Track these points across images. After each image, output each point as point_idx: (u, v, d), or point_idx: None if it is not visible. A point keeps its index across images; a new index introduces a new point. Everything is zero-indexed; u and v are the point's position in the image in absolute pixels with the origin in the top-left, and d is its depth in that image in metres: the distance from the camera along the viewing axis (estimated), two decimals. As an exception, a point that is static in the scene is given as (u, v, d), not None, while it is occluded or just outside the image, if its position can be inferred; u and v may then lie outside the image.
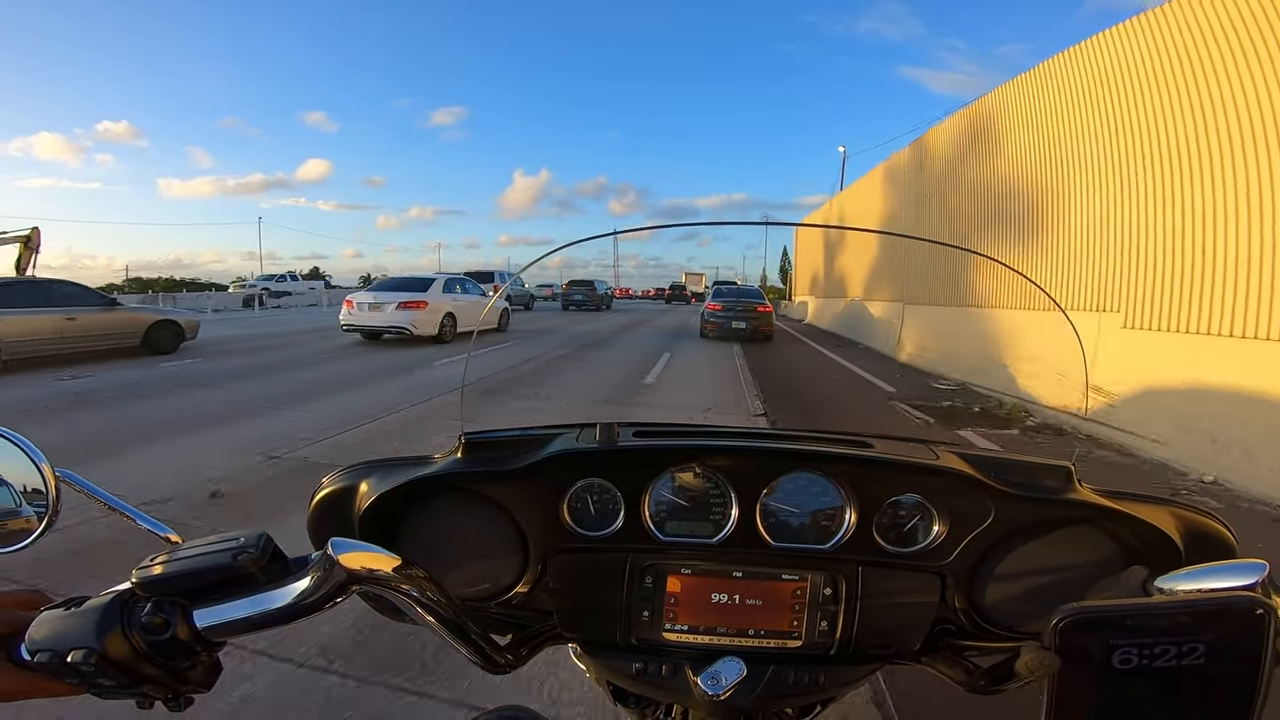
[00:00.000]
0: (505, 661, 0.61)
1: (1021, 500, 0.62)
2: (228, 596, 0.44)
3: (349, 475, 0.67)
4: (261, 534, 0.46)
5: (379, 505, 0.63)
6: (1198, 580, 0.41)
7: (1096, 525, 0.62)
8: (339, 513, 0.65)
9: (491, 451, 0.67)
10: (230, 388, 7.02)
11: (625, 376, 8.49)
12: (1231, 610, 0.33)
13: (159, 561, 0.45)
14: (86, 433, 4.96)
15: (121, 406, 5.98)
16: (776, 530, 0.65)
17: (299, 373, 8.21)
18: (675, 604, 0.63)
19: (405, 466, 0.66)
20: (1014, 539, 0.63)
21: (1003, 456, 0.67)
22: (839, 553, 0.64)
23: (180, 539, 0.48)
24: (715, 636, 0.62)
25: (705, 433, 0.75)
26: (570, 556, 0.66)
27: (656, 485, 0.66)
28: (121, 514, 0.50)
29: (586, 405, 6.47)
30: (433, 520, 0.67)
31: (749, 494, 0.65)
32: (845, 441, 0.71)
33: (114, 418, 5.49)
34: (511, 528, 0.67)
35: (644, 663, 0.63)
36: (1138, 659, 0.32)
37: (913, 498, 0.65)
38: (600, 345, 12.62)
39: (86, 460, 4.14)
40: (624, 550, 0.65)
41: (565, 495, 0.66)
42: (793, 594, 0.63)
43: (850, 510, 0.65)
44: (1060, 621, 0.33)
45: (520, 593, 0.67)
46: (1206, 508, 0.63)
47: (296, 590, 0.45)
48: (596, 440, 0.67)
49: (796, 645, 0.63)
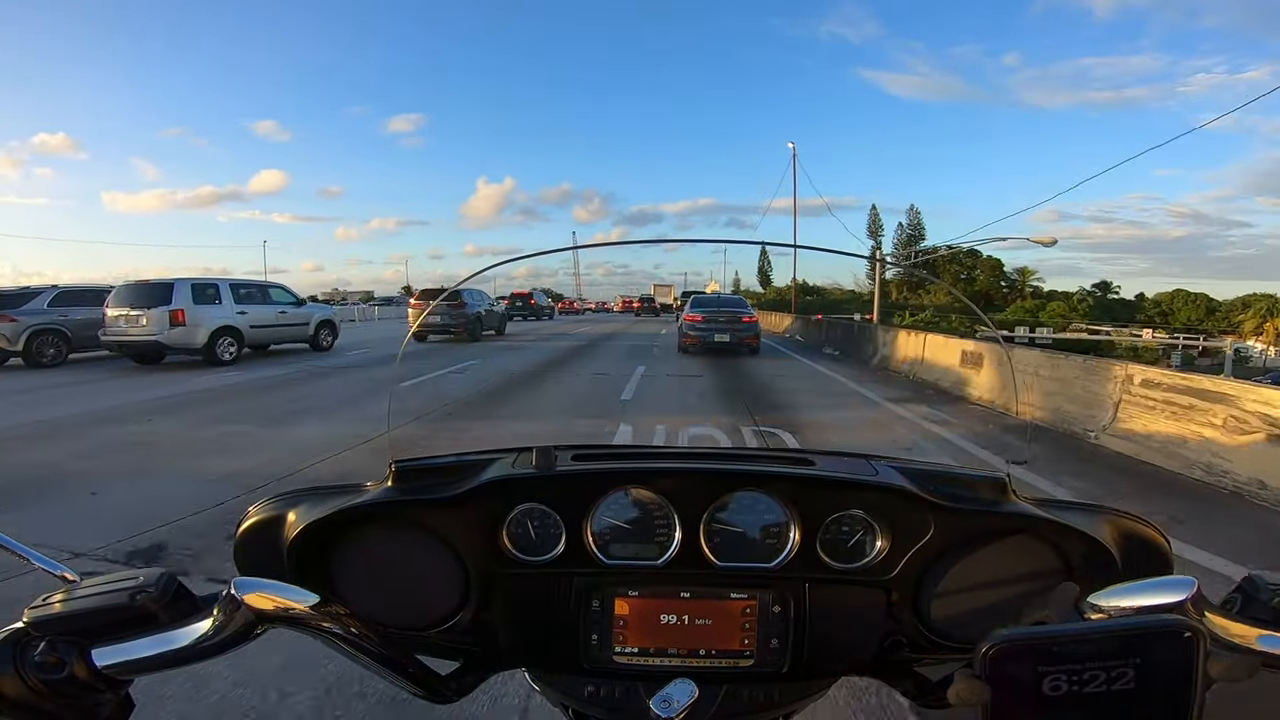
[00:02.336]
0: (450, 691, 0.59)
1: (958, 513, 0.63)
2: (129, 636, 0.43)
3: (276, 504, 0.64)
4: (163, 573, 0.45)
5: (307, 535, 0.61)
6: (1128, 598, 0.42)
7: (1034, 535, 0.63)
8: (267, 542, 0.62)
9: (424, 479, 0.65)
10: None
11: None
12: (1158, 633, 0.33)
13: (54, 601, 0.44)
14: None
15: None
16: (721, 550, 0.65)
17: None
18: (624, 626, 0.62)
19: (334, 495, 0.64)
20: (955, 551, 0.64)
21: (940, 470, 0.68)
22: (785, 570, 0.64)
23: (76, 578, 0.47)
24: (666, 658, 0.62)
25: (646, 454, 0.74)
26: (512, 582, 0.65)
27: (598, 509, 0.65)
28: (13, 553, 0.48)
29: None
30: (366, 550, 0.65)
31: (691, 515, 0.65)
32: (787, 460, 0.71)
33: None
34: (449, 555, 0.65)
35: (596, 686, 0.62)
36: (1067, 685, 0.32)
37: (854, 514, 0.65)
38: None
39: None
40: (567, 574, 0.64)
41: (504, 521, 0.65)
42: (742, 612, 0.63)
43: (794, 528, 0.65)
44: (989, 649, 0.32)
45: (463, 620, 0.66)
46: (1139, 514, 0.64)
47: (199, 631, 0.44)
48: (533, 465, 0.65)
49: (749, 664, 0.62)
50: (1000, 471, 0.65)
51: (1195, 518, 3.72)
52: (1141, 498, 4.07)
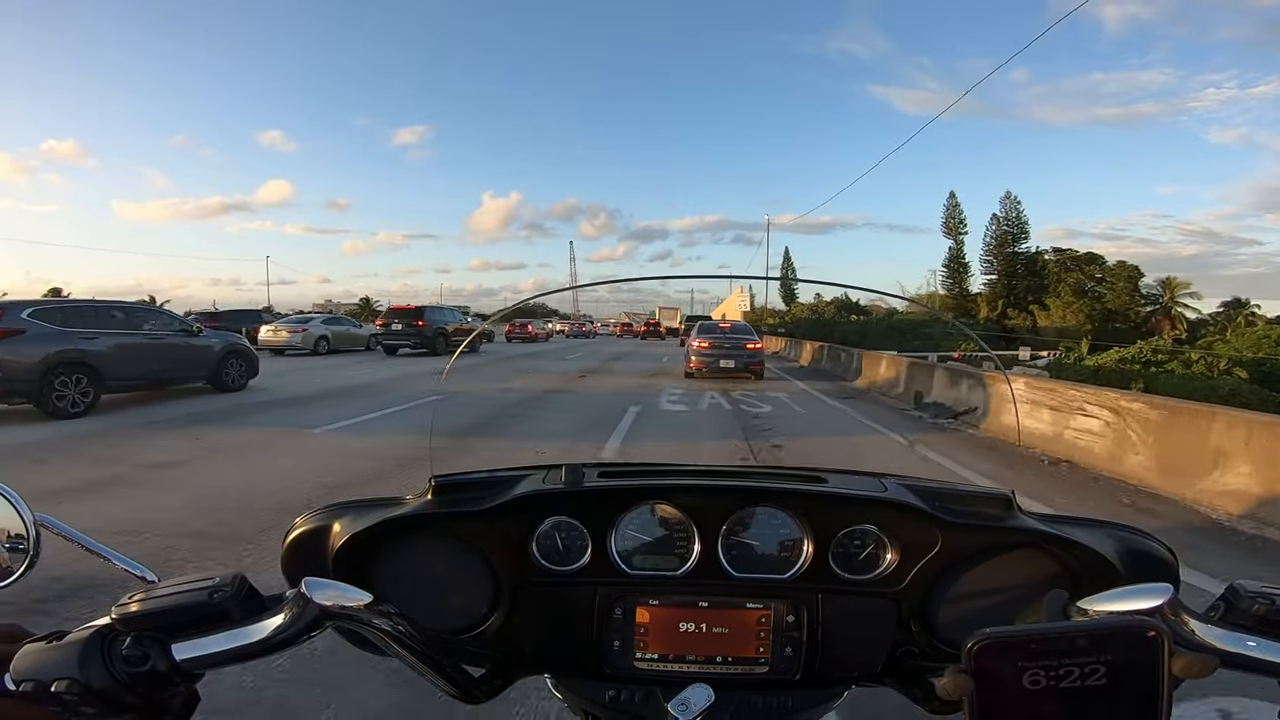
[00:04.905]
0: (480, 693, 0.62)
1: (965, 528, 0.66)
2: (203, 632, 0.47)
3: (322, 516, 0.69)
4: (237, 574, 0.49)
5: (352, 544, 0.65)
6: (1109, 602, 0.45)
7: (1039, 549, 0.66)
8: (313, 551, 0.67)
9: (461, 493, 0.69)
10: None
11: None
12: (1125, 633, 0.36)
13: (136, 599, 0.47)
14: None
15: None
16: (738, 562, 0.68)
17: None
18: (645, 634, 0.66)
19: (378, 507, 0.69)
20: (962, 564, 0.67)
21: (946, 487, 0.71)
22: (799, 582, 0.67)
23: (156, 579, 0.51)
24: (685, 664, 0.65)
25: (669, 472, 0.78)
26: (540, 591, 0.69)
27: (622, 522, 0.69)
28: (99, 555, 0.53)
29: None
30: (405, 558, 0.69)
31: (710, 529, 0.68)
32: (801, 477, 0.74)
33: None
34: (482, 564, 0.69)
35: (616, 691, 0.65)
36: (1045, 679, 0.35)
37: (865, 528, 0.68)
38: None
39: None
40: (592, 584, 0.68)
41: (534, 533, 0.69)
42: (757, 622, 0.66)
43: (807, 542, 0.68)
44: (974, 645, 0.35)
45: (493, 626, 0.69)
46: (1144, 529, 0.66)
47: (272, 625, 0.48)
48: (563, 481, 0.70)
49: (763, 671, 0.65)
50: (1005, 488, 0.68)
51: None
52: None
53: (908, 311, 35.25)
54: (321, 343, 18.54)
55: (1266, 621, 0.44)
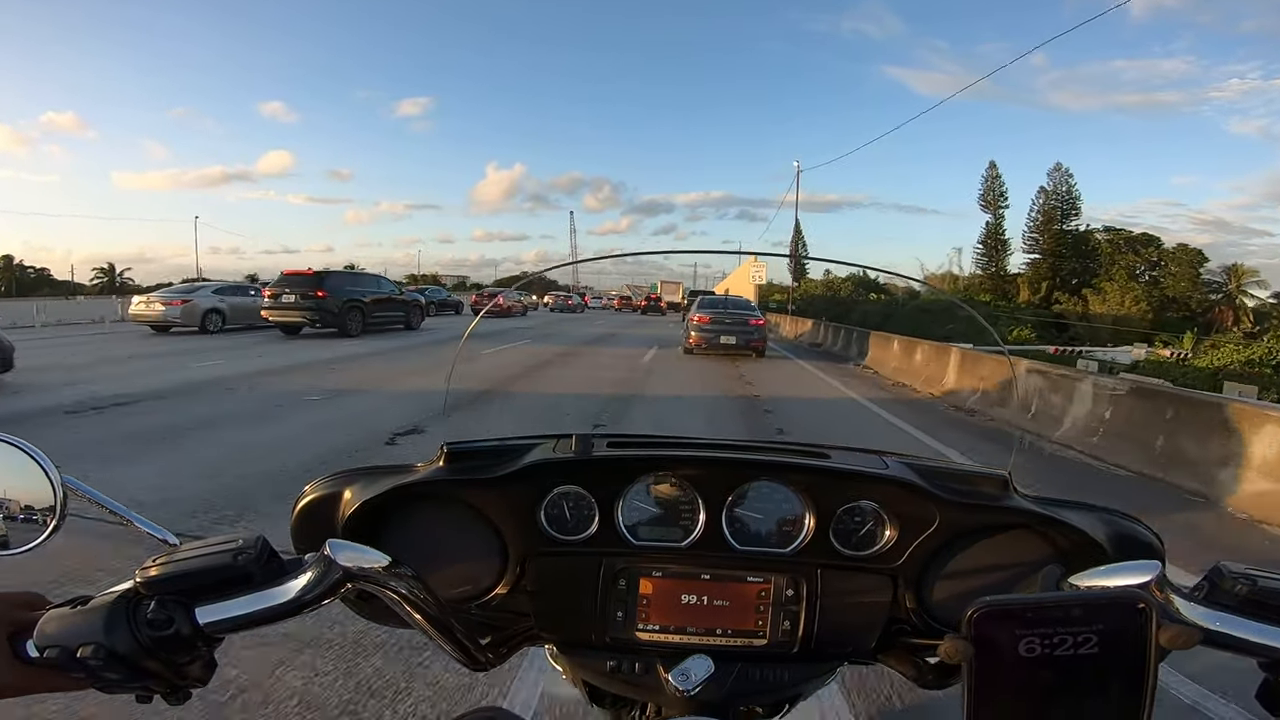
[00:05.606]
0: (486, 660, 0.64)
1: (963, 506, 0.67)
2: (226, 596, 0.47)
3: (332, 483, 0.69)
4: (259, 536, 0.50)
5: (363, 511, 0.66)
6: (1101, 578, 0.48)
7: (1033, 530, 0.67)
8: (322, 518, 0.67)
9: (472, 460, 0.70)
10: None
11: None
12: (1115, 604, 0.38)
13: (160, 563, 0.48)
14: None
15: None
16: (741, 535, 0.69)
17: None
18: (647, 605, 0.67)
19: (388, 474, 0.69)
20: (958, 542, 0.68)
21: (945, 466, 0.72)
22: (799, 556, 0.69)
23: (179, 542, 0.51)
24: (685, 635, 0.66)
25: (676, 444, 0.78)
26: (547, 560, 0.70)
27: (629, 493, 0.70)
28: (122, 518, 0.53)
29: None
30: (415, 526, 0.70)
31: (715, 501, 0.69)
32: (804, 452, 0.75)
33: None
34: (491, 533, 0.70)
35: (618, 661, 0.66)
36: (1040, 647, 0.37)
37: (865, 505, 0.69)
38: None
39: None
40: (598, 554, 0.69)
41: (543, 502, 0.69)
42: (757, 595, 0.67)
43: (809, 516, 0.69)
44: (974, 613, 0.37)
45: (499, 595, 0.70)
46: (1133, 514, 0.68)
47: (297, 587, 0.48)
48: (572, 450, 0.71)
49: (762, 644, 0.67)
50: (1002, 469, 0.69)
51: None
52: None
53: (928, 295, 28.57)
54: (213, 318, 14.58)
55: (1248, 602, 0.46)
